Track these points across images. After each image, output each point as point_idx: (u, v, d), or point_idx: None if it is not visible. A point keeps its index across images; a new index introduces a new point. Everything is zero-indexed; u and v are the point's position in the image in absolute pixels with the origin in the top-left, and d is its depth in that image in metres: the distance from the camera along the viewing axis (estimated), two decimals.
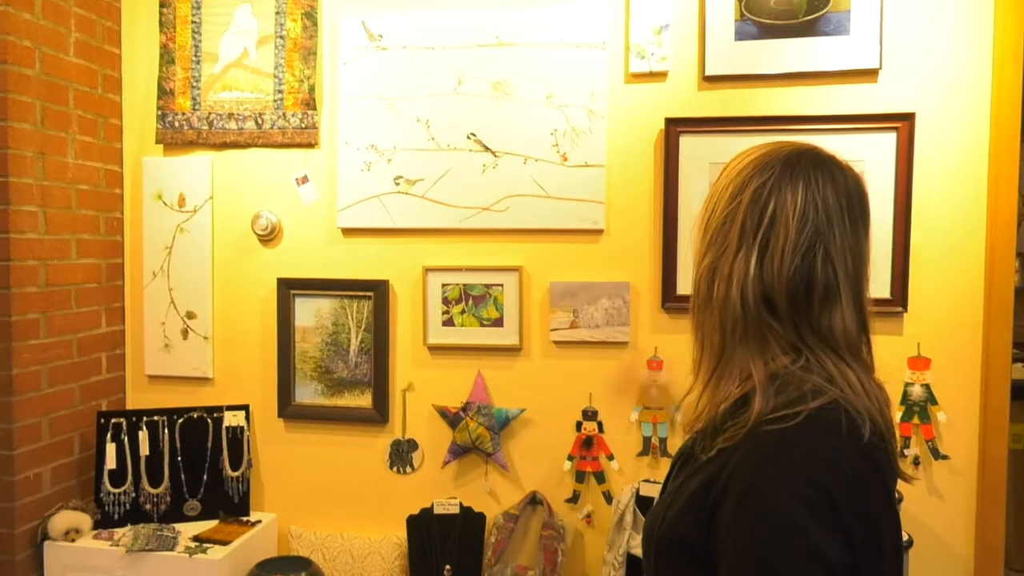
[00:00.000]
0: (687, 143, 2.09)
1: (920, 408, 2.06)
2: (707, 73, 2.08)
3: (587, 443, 2.21)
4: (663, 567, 0.89)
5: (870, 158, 2.01)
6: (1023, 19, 1.96)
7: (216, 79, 2.32)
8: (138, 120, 2.41)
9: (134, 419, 2.29)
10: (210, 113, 2.32)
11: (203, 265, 2.38)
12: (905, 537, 1.72)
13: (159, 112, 2.35)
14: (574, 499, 2.23)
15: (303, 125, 2.28)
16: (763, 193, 0.89)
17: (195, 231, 2.37)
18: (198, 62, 2.33)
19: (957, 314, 2.04)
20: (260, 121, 2.30)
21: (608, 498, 2.21)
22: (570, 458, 2.22)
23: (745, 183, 0.90)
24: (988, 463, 2.03)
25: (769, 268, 0.86)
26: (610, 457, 2.21)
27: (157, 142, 2.37)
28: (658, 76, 2.12)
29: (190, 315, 2.39)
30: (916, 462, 2.07)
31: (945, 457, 2.05)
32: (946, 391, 2.05)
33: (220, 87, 2.32)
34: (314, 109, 2.28)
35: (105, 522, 2.23)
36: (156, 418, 2.31)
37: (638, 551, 2.05)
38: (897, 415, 2.07)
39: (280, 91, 2.29)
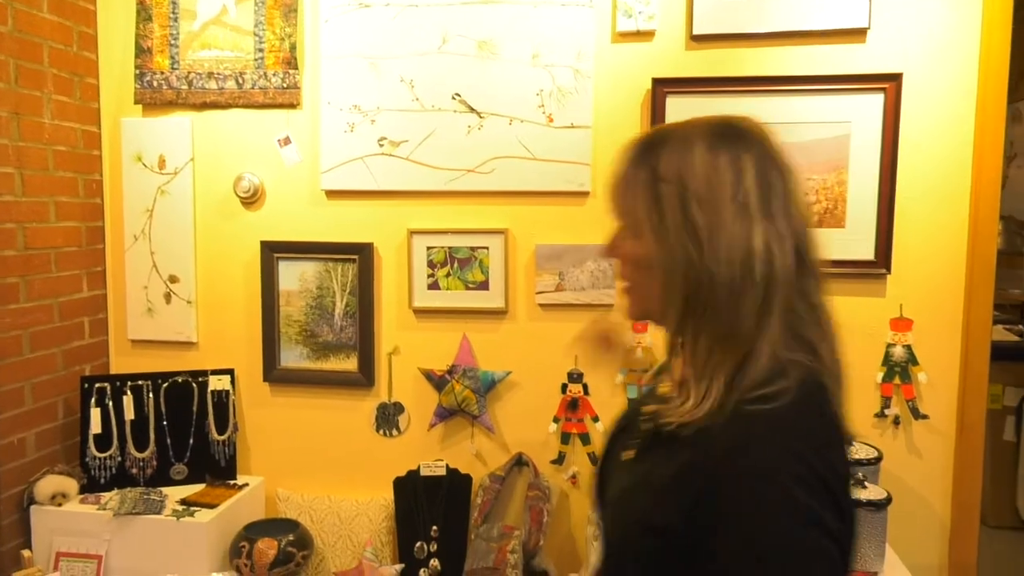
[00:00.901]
0: (674, 104, 2.07)
1: (901, 369, 2.08)
2: (695, 32, 2.05)
3: (572, 405, 2.23)
4: (631, 552, 0.87)
5: (857, 119, 2.01)
6: None
7: (195, 37, 2.27)
8: (115, 79, 2.36)
9: (118, 384, 2.28)
10: (189, 72, 2.27)
11: (185, 228, 2.35)
12: (884, 495, 1.75)
13: (137, 71, 2.30)
14: (559, 460, 2.25)
15: (285, 85, 2.24)
16: (743, 165, 0.86)
17: (176, 194, 2.34)
18: (176, 19, 2.27)
19: (940, 276, 2.05)
20: (241, 81, 2.26)
21: (593, 459, 2.23)
22: (555, 420, 2.24)
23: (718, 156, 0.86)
24: (967, 423, 2.06)
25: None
26: (595, 419, 2.23)
27: (136, 102, 2.32)
28: (645, 35, 2.09)
29: (173, 279, 2.37)
30: (896, 422, 2.10)
31: (925, 417, 2.08)
32: (927, 352, 2.07)
33: (199, 45, 2.27)
34: (296, 68, 2.24)
35: (91, 486, 2.23)
36: (140, 382, 2.29)
37: None
38: (879, 375, 2.10)
39: (261, 49, 2.24)
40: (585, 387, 2.23)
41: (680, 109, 2.07)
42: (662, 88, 2.07)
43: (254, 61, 2.25)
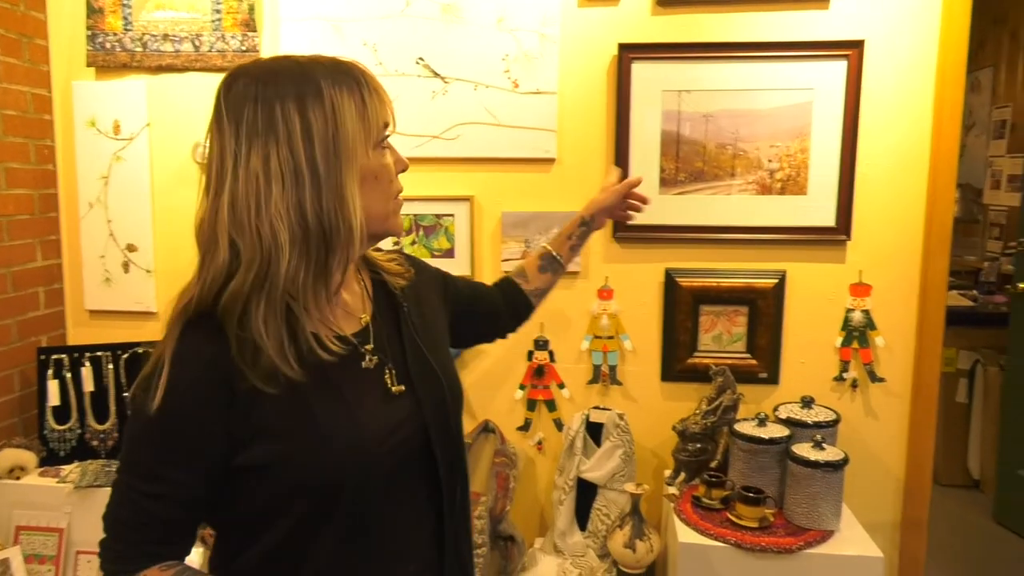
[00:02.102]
0: (640, 70, 2.06)
1: (860, 333, 2.12)
2: None
3: (538, 372, 2.24)
4: (459, 414, 1.07)
5: (820, 86, 2.02)
6: None
7: None
8: (66, 41, 2.28)
9: (76, 355, 2.23)
10: (144, 34, 2.20)
11: (142, 196, 2.29)
12: (841, 456, 1.80)
13: (88, 32, 2.22)
14: (526, 427, 2.27)
15: (243, 48, 2.18)
16: None
17: (132, 160, 2.28)
18: None
19: (898, 242, 2.09)
20: (198, 43, 2.19)
21: (559, 425, 2.25)
22: (522, 387, 2.25)
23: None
24: (921, 386, 2.12)
25: None
26: (561, 385, 2.24)
27: (88, 65, 2.25)
28: (611, 0, 2.07)
29: (131, 247, 2.32)
30: (854, 385, 2.15)
31: (882, 380, 2.14)
32: (885, 317, 2.12)
33: (153, 6, 2.20)
34: (255, 31, 2.18)
35: (51, 459, 2.19)
36: (99, 354, 2.25)
37: (588, 475, 2.10)
38: (838, 340, 2.14)
39: (218, 11, 2.18)
40: (551, 354, 2.24)
41: (646, 75, 2.06)
42: (628, 54, 2.06)
43: (211, 23, 2.18)
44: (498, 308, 1.39)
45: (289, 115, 0.88)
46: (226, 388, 0.87)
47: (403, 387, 1.00)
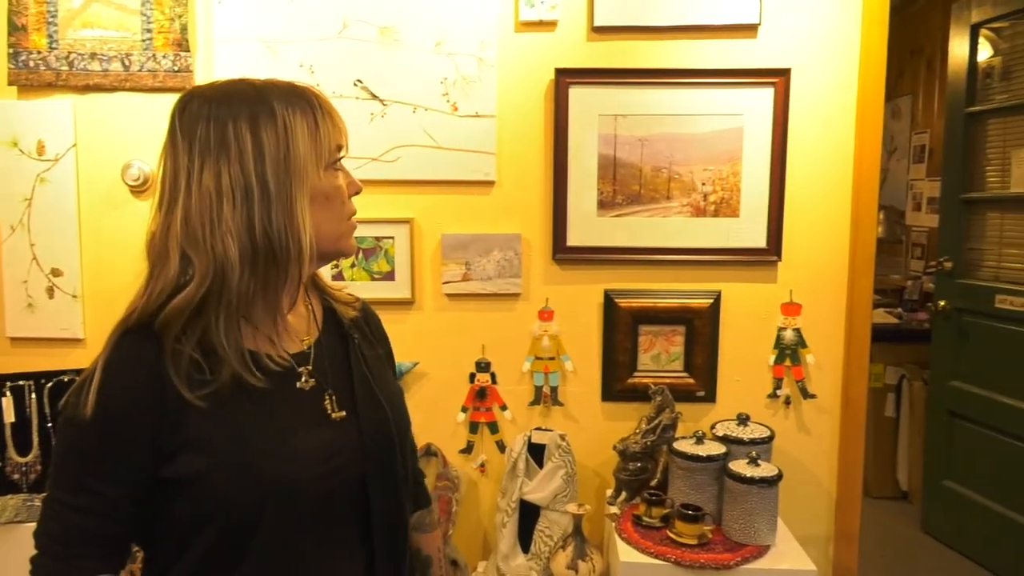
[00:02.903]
0: (576, 94, 2.10)
1: (792, 351, 2.19)
2: (596, 24, 2.08)
3: (480, 394, 2.23)
4: (405, 451, 1.05)
5: (749, 112, 2.09)
6: None
7: (75, 15, 2.13)
8: None
9: None
10: (70, 52, 2.14)
11: (68, 218, 2.21)
12: (775, 471, 1.84)
13: (10, 50, 2.14)
14: (468, 450, 2.26)
15: (176, 68, 2.14)
16: None
17: (58, 181, 2.20)
18: None
19: (826, 262, 2.17)
20: (127, 62, 2.14)
21: (501, 447, 2.24)
22: (464, 409, 2.24)
23: None
24: (850, 401, 2.19)
25: None
26: (503, 407, 2.24)
27: (9, 83, 2.16)
28: (547, 25, 2.11)
29: (56, 272, 2.23)
30: (787, 402, 2.21)
31: (813, 396, 2.20)
32: (815, 335, 2.19)
33: (80, 24, 2.14)
34: (187, 51, 2.14)
35: None
36: (22, 383, 2.15)
37: (530, 497, 2.10)
38: (771, 358, 2.20)
39: (149, 30, 2.13)
40: (493, 376, 2.24)
41: (583, 99, 2.10)
42: (565, 78, 2.09)
43: (142, 42, 2.14)
44: None
45: (241, 134, 0.90)
46: (157, 398, 0.87)
47: (344, 414, 0.98)
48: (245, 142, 0.90)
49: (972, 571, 3.05)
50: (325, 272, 2.17)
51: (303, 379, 0.97)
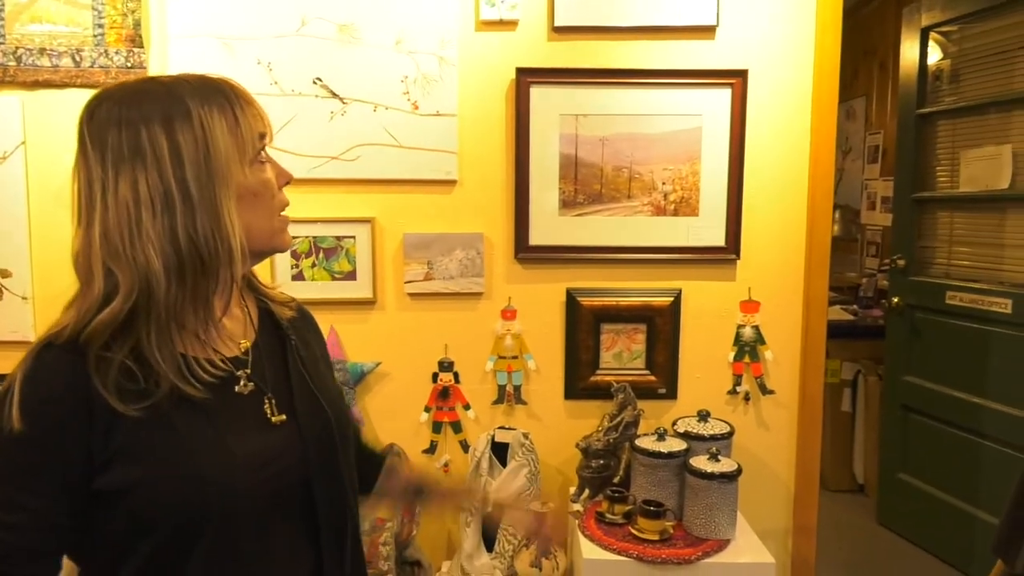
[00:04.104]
0: (538, 93, 2.10)
1: (750, 348, 2.22)
2: (556, 24, 2.09)
3: (443, 394, 2.23)
4: (348, 449, 1.03)
5: (708, 112, 2.12)
6: None
7: (23, 9, 2.07)
8: None
9: None
10: (18, 47, 2.08)
11: (17, 218, 2.15)
12: (735, 466, 1.87)
13: None
14: (431, 450, 2.25)
15: (129, 64, 2.09)
16: None
17: (6, 181, 2.13)
18: None
19: (783, 261, 2.21)
20: (78, 58, 2.09)
21: (465, 447, 2.24)
22: (427, 409, 2.23)
23: None
24: (807, 396, 2.23)
25: None
26: (466, 407, 2.24)
27: None
28: (508, 25, 2.11)
29: (4, 273, 2.17)
30: (747, 398, 2.24)
31: (771, 392, 2.24)
32: (773, 331, 2.22)
33: (28, 18, 2.08)
34: (141, 47, 2.09)
35: None
36: None
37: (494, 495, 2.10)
38: (731, 354, 2.23)
39: (100, 25, 2.08)
40: (456, 375, 2.23)
41: (544, 99, 2.11)
42: (525, 78, 2.10)
43: (93, 38, 2.08)
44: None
45: (156, 138, 0.86)
46: (83, 409, 0.84)
47: (284, 417, 0.96)
48: (160, 146, 0.86)
49: (926, 561, 3.13)
50: (285, 272, 2.15)
51: (241, 383, 0.95)
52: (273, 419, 0.96)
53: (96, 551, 0.89)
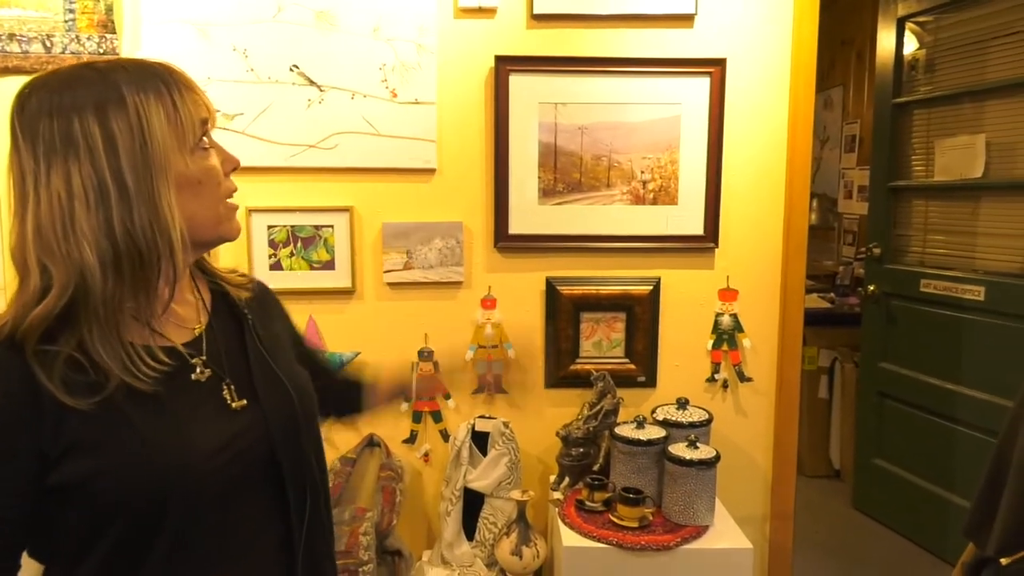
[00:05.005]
0: (517, 82, 2.10)
1: (729, 336, 2.24)
2: (535, 11, 2.08)
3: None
4: (313, 425, 1.04)
5: (686, 101, 2.12)
6: None
7: None
8: None
9: None
10: None
11: None
12: (713, 453, 1.89)
13: None
14: (411, 439, 2.25)
15: (101, 50, 2.06)
16: None
17: None
18: None
19: (761, 249, 2.22)
20: (49, 44, 2.05)
21: (445, 436, 2.24)
22: (407, 399, 2.23)
23: None
24: (784, 383, 2.25)
25: None
26: (446, 396, 2.24)
27: None
28: (487, 12, 2.10)
29: None
30: (725, 385, 2.26)
31: (749, 380, 2.26)
32: (751, 319, 2.24)
33: None
34: (114, 32, 2.06)
35: None
36: None
37: (474, 485, 2.11)
38: (709, 342, 2.24)
39: (71, 10, 2.04)
40: (436, 364, 2.23)
41: (523, 87, 2.10)
42: (504, 65, 2.09)
43: (64, 23, 2.05)
44: (327, 391, 1.23)
45: (89, 127, 0.83)
46: (30, 404, 0.82)
47: (245, 401, 0.95)
48: (94, 136, 0.82)
49: (900, 544, 3.18)
50: (263, 261, 2.13)
51: (198, 370, 0.93)
52: (234, 404, 0.94)
53: (57, 547, 0.88)
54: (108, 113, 0.83)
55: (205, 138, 0.92)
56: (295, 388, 1.01)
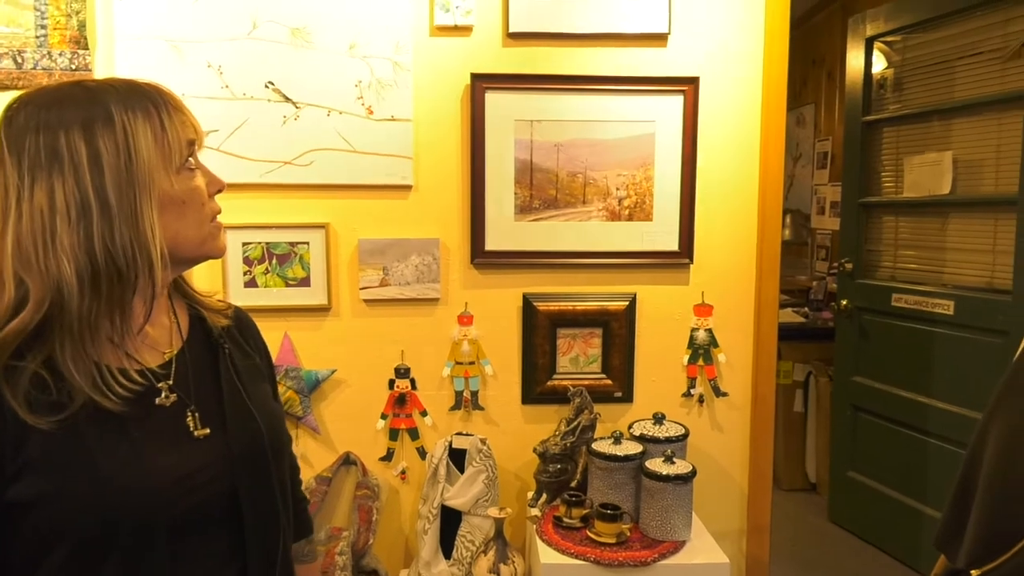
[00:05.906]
0: (493, 99, 2.11)
1: (704, 351, 2.25)
2: (511, 30, 2.10)
3: (400, 400, 2.21)
4: (282, 464, 1.02)
5: (661, 119, 2.14)
6: None
7: None
8: None
9: None
10: None
11: None
12: (690, 468, 1.89)
13: None
14: (388, 457, 2.23)
15: (74, 66, 2.04)
16: None
17: None
18: None
19: (735, 264, 2.25)
20: (20, 60, 2.03)
21: (422, 453, 2.23)
22: (383, 416, 2.22)
23: None
24: (759, 397, 2.27)
25: None
26: (423, 413, 2.23)
27: None
28: (463, 30, 2.11)
29: None
30: (701, 400, 2.27)
31: (725, 394, 2.27)
32: (726, 334, 2.26)
33: None
34: (86, 49, 2.04)
35: None
36: None
37: (452, 502, 2.09)
38: (685, 358, 2.26)
39: (43, 26, 2.02)
40: (412, 382, 2.22)
41: (499, 104, 2.11)
42: (481, 83, 2.10)
43: (36, 39, 2.03)
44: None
45: (75, 144, 0.83)
46: None
47: (208, 430, 0.93)
48: (79, 153, 0.83)
49: (875, 557, 3.21)
50: (238, 278, 2.11)
51: (163, 395, 0.92)
52: (196, 432, 0.92)
53: (8, 561, 0.86)
54: (95, 130, 0.84)
55: (191, 159, 0.92)
56: (266, 422, 0.99)
